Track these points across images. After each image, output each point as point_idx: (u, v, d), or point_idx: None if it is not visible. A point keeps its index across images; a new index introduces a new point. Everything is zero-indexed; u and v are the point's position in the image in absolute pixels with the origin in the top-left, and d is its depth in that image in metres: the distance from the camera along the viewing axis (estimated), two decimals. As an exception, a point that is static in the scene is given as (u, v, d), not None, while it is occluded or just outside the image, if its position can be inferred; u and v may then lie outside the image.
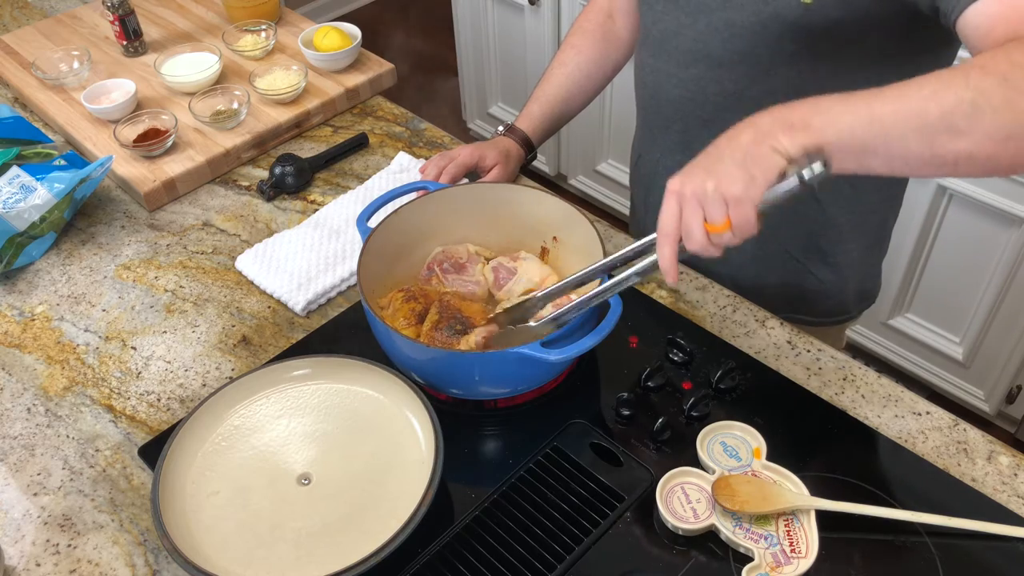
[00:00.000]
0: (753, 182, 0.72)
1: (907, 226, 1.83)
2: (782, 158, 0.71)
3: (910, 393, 0.97)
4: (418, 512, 0.78)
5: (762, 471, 0.86)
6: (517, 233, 1.07)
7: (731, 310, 1.07)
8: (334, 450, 0.88)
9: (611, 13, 1.21)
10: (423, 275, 1.05)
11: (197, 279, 1.16)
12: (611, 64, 1.24)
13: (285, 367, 0.93)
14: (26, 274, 1.19)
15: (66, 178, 1.20)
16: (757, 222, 0.74)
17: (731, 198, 0.72)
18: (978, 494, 0.86)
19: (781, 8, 0.88)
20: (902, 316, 2.03)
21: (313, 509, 0.83)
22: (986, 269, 1.81)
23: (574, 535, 0.83)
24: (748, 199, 0.72)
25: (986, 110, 0.67)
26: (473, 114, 2.91)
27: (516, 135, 1.23)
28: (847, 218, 1.08)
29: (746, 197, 0.72)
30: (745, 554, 0.81)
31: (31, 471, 0.94)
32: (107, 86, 1.42)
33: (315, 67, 1.50)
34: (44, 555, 0.86)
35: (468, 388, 0.94)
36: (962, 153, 0.69)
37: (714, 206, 0.73)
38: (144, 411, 1.00)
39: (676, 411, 0.94)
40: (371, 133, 1.41)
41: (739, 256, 1.12)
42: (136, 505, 0.90)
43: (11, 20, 1.74)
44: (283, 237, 1.19)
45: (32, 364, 1.06)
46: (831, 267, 1.12)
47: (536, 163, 2.08)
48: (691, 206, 0.75)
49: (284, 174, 1.28)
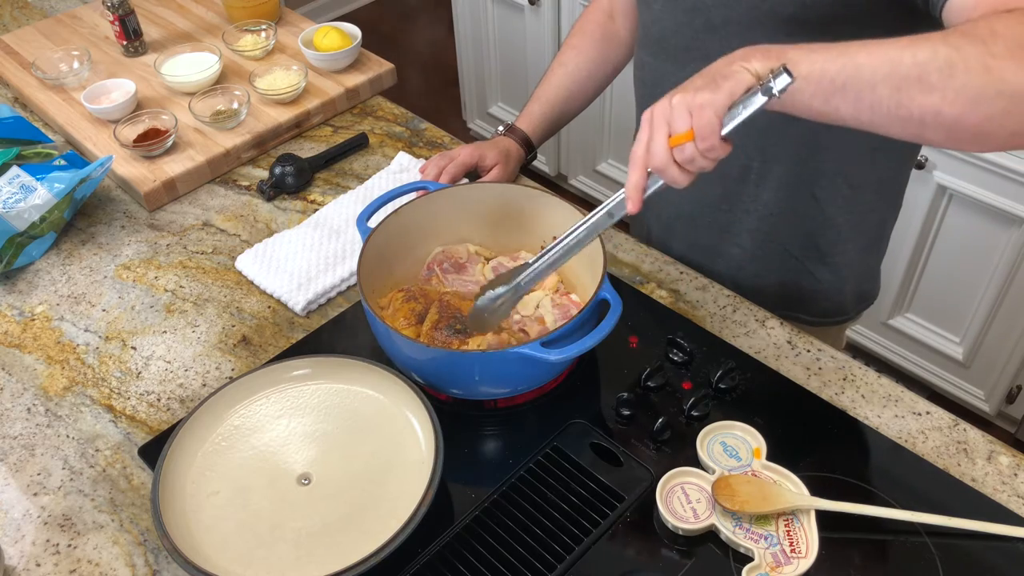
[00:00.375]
0: (718, 89, 0.73)
1: (907, 226, 1.83)
2: (751, 75, 0.72)
3: (910, 393, 0.97)
4: (418, 512, 0.78)
5: (762, 471, 0.86)
6: (517, 233, 1.07)
7: (731, 310, 1.07)
8: (334, 450, 0.88)
9: (612, 14, 1.22)
10: (423, 275, 1.05)
11: (197, 279, 1.16)
12: (612, 64, 1.24)
13: (285, 367, 0.93)
14: (26, 274, 1.19)
15: (66, 178, 1.20)
16: (725, 142, 0.74)
17: (695, 105, 0.73)
18: (978, 494, 0.86)
19: (777, 5, 0.89)
20: (902, 316, 2.03)
21: (313, 509, 0.83)
22: (986, 269, 1.81)
23: (574, 535, 0.83)
24: (710, 104, 0.72)
25: (959, 67, 0.67)
26: (473, 114, 2.91)
27: (516, 135, 1.23)
28: (846, 218, 1.08)
29: (708, 102, 0.72)
30: (745, 554, 0.81)
31: (31, 471, 0.94)
32: (107, 86, 1.42)
33: (315, 67, 1.50)
34: (44, 555, 0.86)
35: (468, 388, 0.94)
36: (929, 108, 0.69)
37: (678, 114, 0.74)
38: (144, 411, 1.00)
39: (676, 411, 0.94)
40: (371, 133, 1.41)
41: (739, 255, 1.13)
42: (136, 505, 0.90)
43: (11, 20, 1.74)
44: (283, 237, 1.19)
45: (32, 364, 1.06)
46: (830, 267, 1.12)
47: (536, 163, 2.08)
48: (657, 124, 0.75)
49: (284, 174, 1.28)
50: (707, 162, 0.75)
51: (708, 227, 1.13)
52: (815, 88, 0.72)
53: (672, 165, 0.76)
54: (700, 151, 0.74)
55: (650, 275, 1.13)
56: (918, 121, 0.70)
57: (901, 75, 0.69)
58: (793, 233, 1.09)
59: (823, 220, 1.07)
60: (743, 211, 1.09)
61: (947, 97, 0.68)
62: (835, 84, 0.71)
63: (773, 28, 0.90)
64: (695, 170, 0.76)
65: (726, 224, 1.11)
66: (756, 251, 1.12)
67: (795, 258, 1.11)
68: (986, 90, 0.67)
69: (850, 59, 0.71)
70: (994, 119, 0.68)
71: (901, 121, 0.71)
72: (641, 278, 1.13)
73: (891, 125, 0.72)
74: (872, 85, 0.70)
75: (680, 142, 0.74)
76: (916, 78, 0.68)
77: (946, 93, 0.68)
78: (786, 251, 1.11)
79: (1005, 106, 0.67)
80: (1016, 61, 0.66)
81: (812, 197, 1.05)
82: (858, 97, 0.71)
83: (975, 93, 0.67)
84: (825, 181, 1.04)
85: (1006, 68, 0.66)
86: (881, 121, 0.72)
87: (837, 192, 1.05)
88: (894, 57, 0.69)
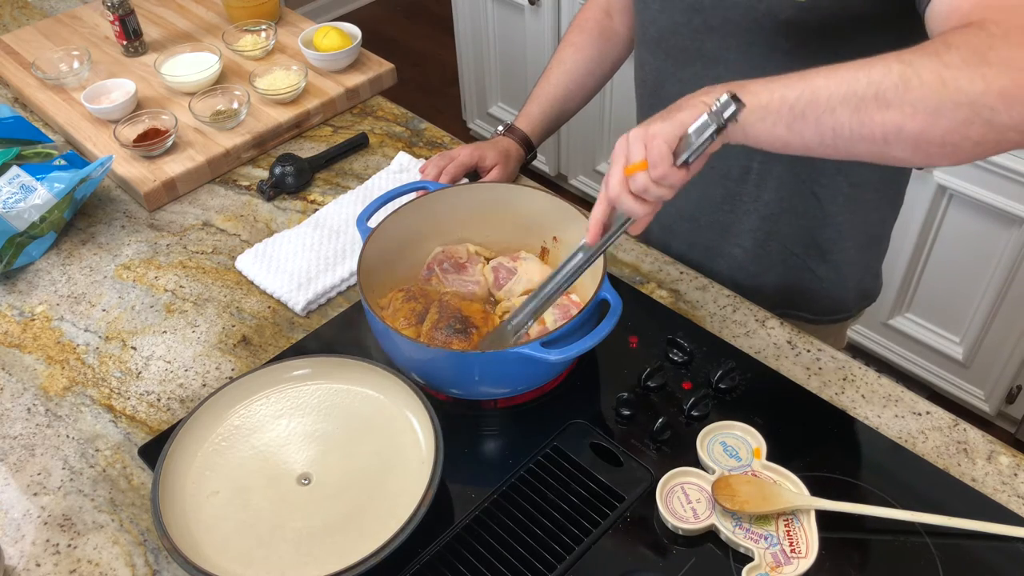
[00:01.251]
0: (671, 120, 0.75)
1: (907, 226, 1.83)
2: (705, 106, 0.74)
3: (910, 393, 0.97)
4: (418, 512, 0.78)
5: (762, 471, 0.86)
6: (517, 233, 1.07)
7: (731, 310, 1.07)
8: (334, 450, 0.88)
9: (609, 11, 1.21)
10: (423, 275, 1.05)
11: (197, 279, 1.17)
12: (610, 62, 1.24)
13: (285, 367, 0.93)
14: (26, 274, 1.19)
15: (66, 178, 1.20)
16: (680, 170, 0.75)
17: (648, 136, 0.75)
18: (978, 494, 0.86)
19: (774, 6, 0.89)
20: (902, 316, 2.03)
21: (313, 509, 0.83)
22: (986, 269, 1.81)
23: (574, 535, 0.83)
24: (661, 134, 0.75)
25: (914, 81, 0.68)
26: (473, 114, 2.91)
27: (516, 135, 1.23)
28: (846, 216, 1.08)
29: (659, 132, 0.75)
30: (745, 554, 0.81)
31: (31, 471, 0.94)
32: (107, 86, 1.42)
33: (315, 67, 1.50)
34: (44, 555, 0.86)
35: (468, 388, 0.94)
36: (890, 125, 0.69)
37: (633, 146, 0.76)
38: (144, 411, 1.00)
39: (676, 411, 0.94)
40: (371, 133, 1.41)
41: (740, 254, 1.13)
42: (136, 505, 0.90)
43: (11, 20, 1.74)
44: (283, 237, 1.19)
45: (32, 364, 1.06)
46: (831, 265, 1.12)
47: (536, 163, 2.08)
48: (616, 157, 0.78)
49: (284, 174, 1.28)
50: (662, 190, 0.76)
51: (709, 227, 1.13)
52: (775, 116, 0.73)
53: (626, 194, 0.78)
54: (653, 179, 0.76)
55: (650, 275, 1.13)
56: (881, 139, 0.70)
57: (858, 95, 0.69)
58: (794, 232, 1.09)
59: (824, 218, 1.08)
60: (744, 211, 1.09)
61: (905, 112, 0.68)
62: (795, 110, 0.72)
63: (771, 30, 0.91)
64: (652, 199, 0.78)
65: (727, 224, 1.11)
66: (757, 250, 1.12)
67: (796, 256, 1.11)
68: (943, 101, 0.67)
69: (807, 84, 0.72)
70: (957, 130, 0.68)
71: (865, 141, 0.71)
72: (641, 278, 1.13)
73: (856, 146, 0.72)
74: (831, 108, 0.71)
75: (633, 171, 0.76)
76: (872, 96, 0.69)
77: (904, 108, 0.68)
78: (787, 249, 1.11)
79: (966, 115, 0.67)
80: (971, 70, 0.66)
81: (813, 196, 1.05)
82: (819, 120, 0.71)
83: (933, 105, 0.67)
84: (826, 180, 1.04)
85: (961, 78, 0.66)
86: (845, 144, 0.72)
87: (838, 191, 1.05)
88: (849, 78, 0.70)
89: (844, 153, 0.74)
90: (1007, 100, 0.65)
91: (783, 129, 0.73)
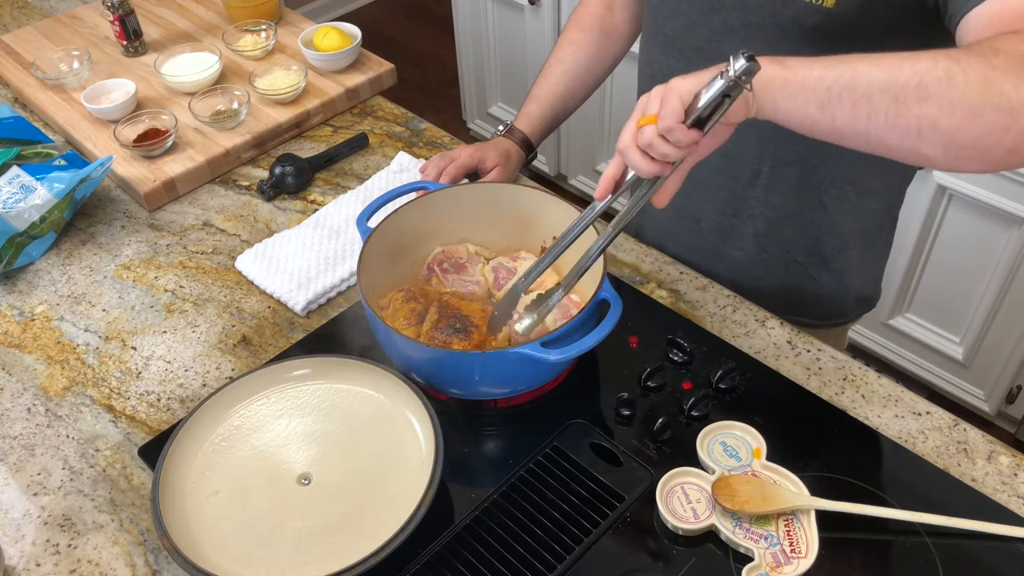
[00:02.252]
0: (692, 78, 0.74)
1: (907, 226, 1.83)
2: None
3: (910, 393, 0.97)
4: (418, 512, 0.78)
5: (762, 471, 0.86)
6: (517, 233, 1.07)
7: (731, 310, 1.07)
8: (334, 450, 0.88)
9: (610, 5, 1.20)
10: (423, 275, 1.05)
11: (197, 279, 1.16)
12: (610, 59, 1.23)
13: (285, 367, 0.93)
14: (26, 274, 1.19)
15: (66, 178, 1.20)
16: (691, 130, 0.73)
17: (666, 91, 0.74)
18: (978, 494, 0.86)
19: (801, 11, 0.87)
20: (902, 316, 2.03)
21: (313, 509, 0.83)
22: (986, 269, 1.81)
23: (574, 535, 0.83)
24: (676, 88, 0.74)
25: (959, 77, 0.67)
26: (473, 114, 2.91)
27: (515, 136, 1.23)
28: (851, 225, 1.07)
29: (676, 87, 0.74)
30: (745, 554, 0.81)
31: (31, 471, 0.94)
32: (107, 86, 1.42)
33: (315, 67, 1.50)
34: (44, 555, 0.86)
35: (468, 388, 0.94)
36: (926, 118, 0.68)
37: (652, 100, 0.76)
38: (144, 411, 1.00)
39: (676, 411, 0.94)
40: (371, 133, 1.41)
41: (741, 257, 1.13)
42: (136, 505, 0.90)
43: (11, 20, 1.74)
44: (283, 237, 1.19)
45: (32, 364, 1.06)
46: (832, 272, 1.12)
47: (536, 163, 2.08)
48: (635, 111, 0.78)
49: (284, 174, 1.28)
50: (668, 148, 0.75)
51: (711, 230, 1.13)
52: (810, 94, 0.72)
53: (632, 148, 0.77)
54: (659, 132, 0.74)
55: (650, 275, 1.13)
56: (916, 133, 0.69)
57: (899, 83, 0.68)
58: (797, 238, 1.09)
59: (828, 226, 1.07)
60: (749, 214, 1.09)
61: (944, 108, 0.67)
62: (832, 91, 0.71)
63: (796, 35, 0.89)
64: (657, 156, 0.76)
65: (729, 227, 1.11)
66: (759, 254, 1.11)
67: (798, 262, 1.11)
68: (984, 103, 0.66)
69: (848, 67, 0.71)
70: (992, 134, 0.67)
71: (898, 132, 0.70)
72: (641, 278, 1.13)
73: (888, 135, 0.71)
74: (869, 94, 0.70)
75: (644, 124, 0.75)
76: (914, 87, 0.68)
77: (943, 104, 0.67)
78: (789, 255, 1.11)
79: (1004, 121, 0.66)
80: (1016, 75, 0.65)
81: (819, 203, 1.05)
82: (855, 105, 0.70)
83: (973, 105, 0.66)
84: (834, 189, 1.03)
85: (1006, 81, 0.65)
86: (877, 132, 0.71)
87: (844, 199, 1.05)
88: (893, 66, 0.69)
89: (875, 143, 0.72)
90: None
91: (815, 108, 0.72)
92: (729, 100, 0.72)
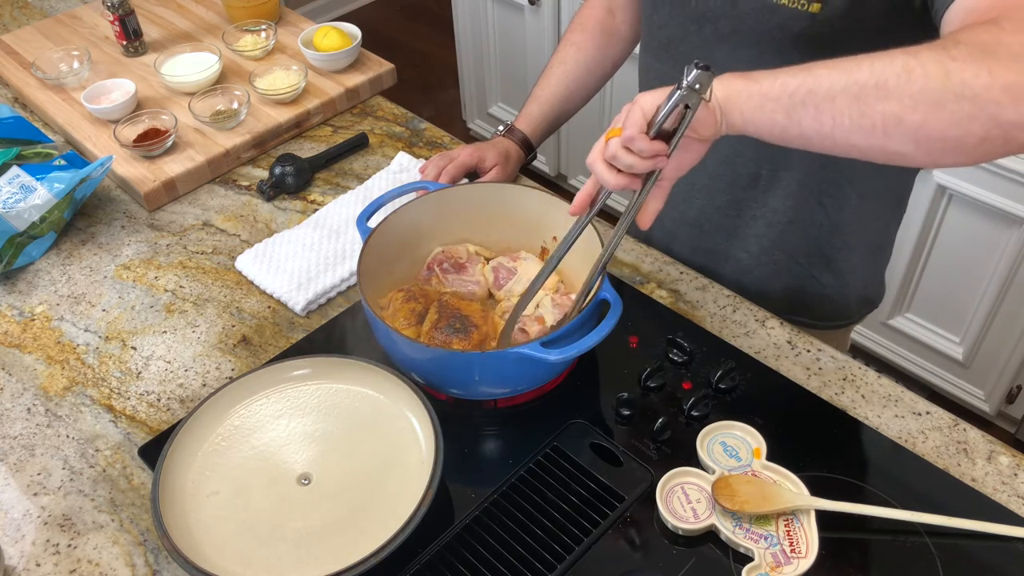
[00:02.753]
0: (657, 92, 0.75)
1: (907, 226, 1.83)
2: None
3: (910, 393, 0.97)
4: (418, 512, 0.78)
5: (762, 471, 0.86)
6: (517, 233, 1.07)
7: (731, 310, 1.07)
8: (334, 450, 0.88)
9: (611, 8, 1.21)
10: (423, 275, 1.05)
11: (197, 279, 1.16)
12: (611, 60, 1.24)
13: (285, 367, 0.93)
14: (26, 274, 1.19)
15: (66, 178, 1.20)
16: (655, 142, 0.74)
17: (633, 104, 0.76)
18: (978, 494, 0.86)
19: (787, 18, 0.88)
20: (902, 316, 2.03)
21: (313, 509, 0.83)
22: (986, 269, 1.81)
23: (574, 535, 0.83)
24: (642, 101, 0.75)
25: (917, 72, 0.67)
26: (473, 114, 2.91)
27: (515, 136, 1.23)
28: (852, 226, 1.07)
29: (642, 99, 0.75)
30: (745, 554, 0.81)
31: (31, 471, 0.94)
32: (107, 86, 1.42)
33: (315, 67, 1.50)
34: (44, 555, 0.86)
35: (468, 388, 0.94)
36: (889, 115, 0.68)
37: (622, 114, 0.77)
38: (144, 411, 1.00)
39: (676, 411, 0.94)
40: (371, 133, 1.41)
41: (745, 259, 1.13)
42: (136, 505, 0.90)
43: (11, 20, 1.74)
44: (283, 237, 1.19)
45: (32, 364, 1.06)
46: (834, 273, 1.12)
47: (536, 163, 2.08)
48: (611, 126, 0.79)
49: (284, 174, 1.28)
50: (631, 158, 0.75)
51: (714, 233, 1.13)
52: (775, 104, 0.72)
53: (599, 161, 0.78)
54: (622, 143, 0.75)
55: (650, 275, 1.13)
56: (881, 131, 0.69)
57: (859, 83, 0.69)
58: (799, 240, 1.09)
59: (830, 228, 1.07)
60: (751, 217, 1.09)
61: (905, 103, 0.67)
62: (795, 98, 0.71)
63: (784, 42, 0.90)
64: (623, 167, 0.76)
65: (733, 229, 1.11)
66: (762, 256, 1.11)
67: (800, 264, 1.11)
68: (946, 93, 0.66)
69: (810, 73, 0.71)
70: (959, 124, 0.66)
71: (863, 132, 0.70)
72: (641, 278, 1.13)
73: (853, 135, 0.71)
74: (831, 96, 0.70)
75: (609, 137, 0.76)
76: (873, 85, 0.68)
77: (903, 99, 0.67)
78: (791, 257, 1.11)
79: (968, 110, 0.65)
80: (976, 63, 0.65)
81: (820, 205, 1.05)
82: (819, 109, 0.71)
83: (935, 97, 0.66)
84: (834, 190, 1.04)
85: (966, 71, 0.65)
86: (843, 135, 0.71)
87: (845, 201, 1.05)
88: (852, 68, 0.69)
89: (843, 145, 0.72)
90: (1013, 95, 0.64)
91: (782, 116, 0.72)
92: (690, 111, 0.73)
